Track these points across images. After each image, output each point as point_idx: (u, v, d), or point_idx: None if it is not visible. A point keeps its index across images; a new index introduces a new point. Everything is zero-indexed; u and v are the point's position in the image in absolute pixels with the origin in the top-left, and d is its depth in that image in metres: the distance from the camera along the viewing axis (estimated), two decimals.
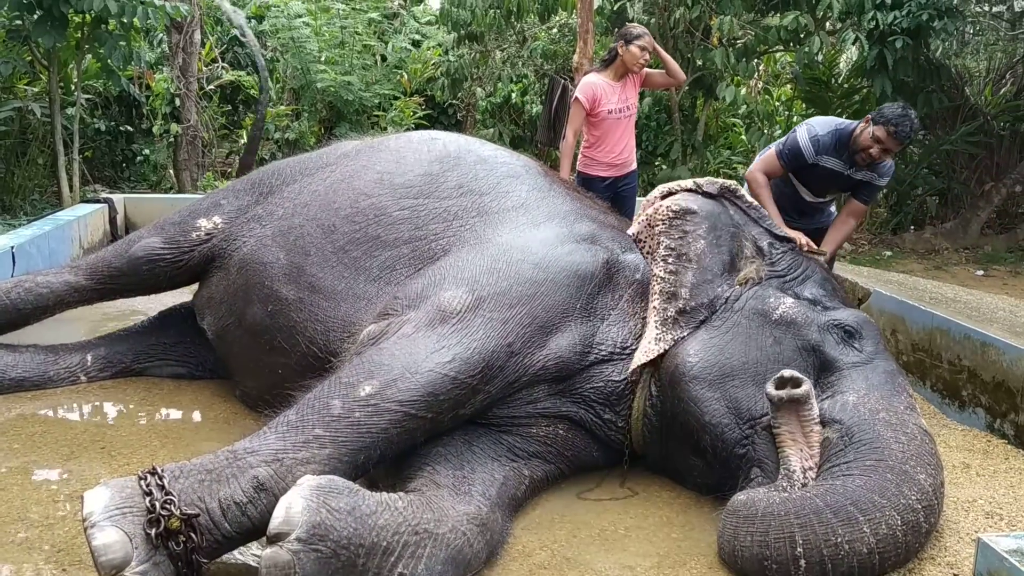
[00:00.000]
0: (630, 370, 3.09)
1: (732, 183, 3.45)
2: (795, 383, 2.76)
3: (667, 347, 3.07)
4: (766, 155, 4.41)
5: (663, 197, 3.35)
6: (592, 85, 5.24)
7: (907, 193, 8.87)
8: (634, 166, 5.50)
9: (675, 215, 3.27)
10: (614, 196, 5.29)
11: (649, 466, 3.26)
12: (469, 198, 3.61)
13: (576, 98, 5.30)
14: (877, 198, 4.42)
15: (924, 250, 8.29)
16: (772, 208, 4.12)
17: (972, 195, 8.66)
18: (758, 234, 3.39)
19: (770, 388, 2.79)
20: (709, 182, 3.40)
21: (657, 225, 3.27)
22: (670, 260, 3.20)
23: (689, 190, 3.36)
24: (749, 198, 3.51)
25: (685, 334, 3.09)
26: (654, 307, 3.15)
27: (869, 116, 4.04)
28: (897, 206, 9.02)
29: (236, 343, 3.71)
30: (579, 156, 5.48)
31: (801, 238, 3.56)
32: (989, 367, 3.77)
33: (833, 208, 4.70)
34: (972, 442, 3.67)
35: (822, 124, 4.23)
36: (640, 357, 3.07)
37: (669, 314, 3.12)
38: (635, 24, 5.46)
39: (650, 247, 3.27)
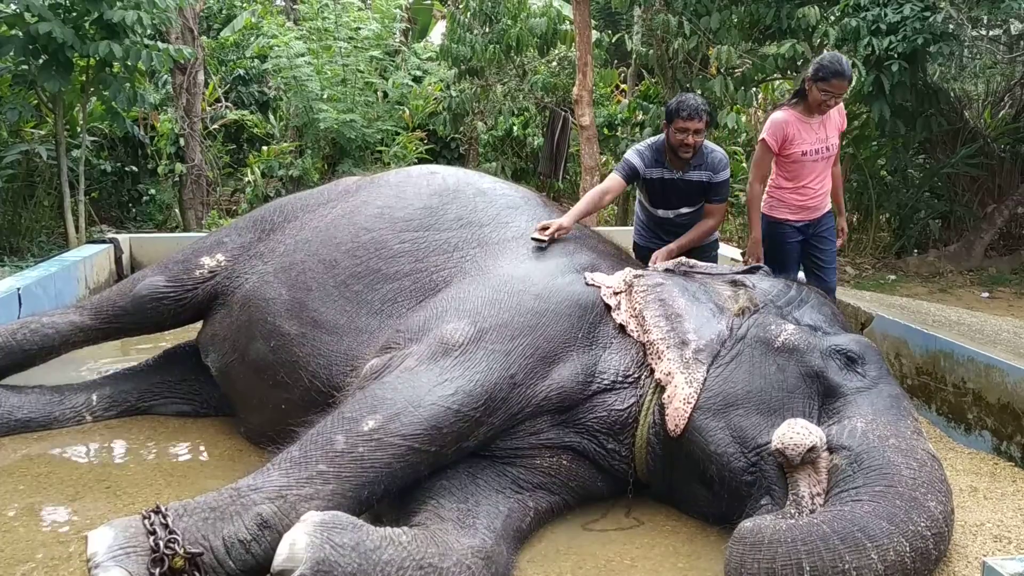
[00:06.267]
0: (682, 428, 3.00)
1: (682, 259, 3.72)
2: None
3: (700, 385, 3.04)
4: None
5: (615, 293, 3.38)
6: (782, 124, 4.39)
7: (910, 217, 8.88)
8: (828, 207, 4.66)
9: (647, 291, 3.33)
10: (805, 241, 4.59)
11: (654, 495, 3.25)
12: (469, 230, 3.64)
13: (763, 139, 4.44)
14: (727, 194, 4.53)
15: (928, 273, 8.28)
16: (579, 207, 4.08)
17: (975, 217, 8.67)
18: (728, 279, 3.51)
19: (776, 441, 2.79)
20: (659, 264, 3.73)
21: (636, 307, 3.29)
22: (662, 323, 3.22)
23: (642, 274, 3.46)
24: (701, 263, 3.74)
25: (707, 370, 3.09)
26: (669, 359, 3.12)
27: (663, 121, 4.34)
28: (900, 230, 9.03)
29: (240, 379, 3.72)
30: (764, 197, 4.62)
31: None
32: (994, 389, 3.76)
33: None
34: (979, 465, 3.64)
35: (644, 143, 4.47)
36: (684, 408, 3.00)
37: (687, 356, 3.11)
38: (832, 58, 4.32)
39: (638, 325, 3.26)
